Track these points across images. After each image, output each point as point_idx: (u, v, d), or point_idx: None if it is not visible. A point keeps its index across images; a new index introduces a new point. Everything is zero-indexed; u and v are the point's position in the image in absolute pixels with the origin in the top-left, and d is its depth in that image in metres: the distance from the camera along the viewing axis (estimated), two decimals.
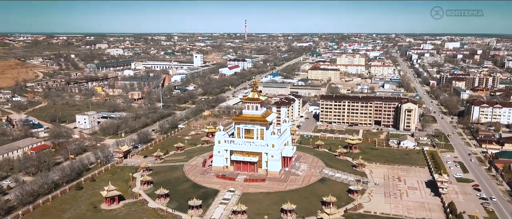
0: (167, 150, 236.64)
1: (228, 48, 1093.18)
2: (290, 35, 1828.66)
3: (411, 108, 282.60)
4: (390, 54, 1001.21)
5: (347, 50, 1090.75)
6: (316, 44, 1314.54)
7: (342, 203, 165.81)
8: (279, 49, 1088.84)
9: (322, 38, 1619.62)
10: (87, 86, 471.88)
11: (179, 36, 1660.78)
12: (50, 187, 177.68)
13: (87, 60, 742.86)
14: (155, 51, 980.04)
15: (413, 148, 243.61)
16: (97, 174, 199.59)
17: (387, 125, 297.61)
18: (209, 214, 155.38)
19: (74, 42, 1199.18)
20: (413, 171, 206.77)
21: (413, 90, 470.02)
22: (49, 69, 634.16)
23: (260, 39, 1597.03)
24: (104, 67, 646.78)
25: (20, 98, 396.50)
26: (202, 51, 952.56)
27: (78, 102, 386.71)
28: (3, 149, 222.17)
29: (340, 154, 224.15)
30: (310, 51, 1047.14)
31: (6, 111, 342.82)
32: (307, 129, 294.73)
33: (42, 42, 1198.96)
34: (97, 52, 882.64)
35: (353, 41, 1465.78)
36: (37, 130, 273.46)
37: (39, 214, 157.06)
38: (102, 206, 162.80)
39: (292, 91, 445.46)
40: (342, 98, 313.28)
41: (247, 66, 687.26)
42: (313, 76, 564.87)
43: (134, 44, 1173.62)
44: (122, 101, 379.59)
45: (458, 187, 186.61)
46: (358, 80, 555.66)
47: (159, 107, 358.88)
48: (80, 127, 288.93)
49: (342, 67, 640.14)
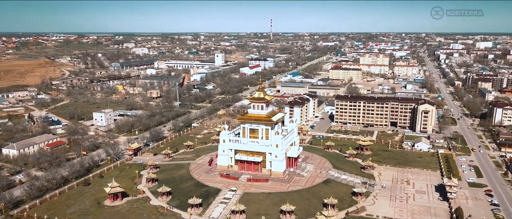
0: (177, 148, 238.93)
1: (252, 48, 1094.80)
2: (317, 35, 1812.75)
3: (428, 110, 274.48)
4: (418, 54, 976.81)
5: (373, 49, 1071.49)
6: (342, 44, 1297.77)
7: (344, 205, 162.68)
8: (303, 49, 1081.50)
9: (349, 38, 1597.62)
10: (109, 84, 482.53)
11: (206, 36, 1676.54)
12: (59, 183, 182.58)
13: (113, 59, 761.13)
14: (180, 50, 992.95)
15: (428, 150, 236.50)
16: (106, 171, 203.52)
17: (404, 126, 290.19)
18: (208, 213, 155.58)
19: (103, 41, 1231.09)
20: (424, 174, 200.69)
21: (436, 91, 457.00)
22: (76, 67, 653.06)
23: (285, 38, 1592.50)
24: (128, 66, 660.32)
25: (44, 96, 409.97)
26: (226, 51, 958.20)
27: (99, 100, 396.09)
28: (20, 144, 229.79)
29: (350, 156, 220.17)
30: (334, 51, 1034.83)
31: (30, 108, 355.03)
32: (321, 129, 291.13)
33: (73, 41, 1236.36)
34: (123, 51, 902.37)
35: (381, 40, 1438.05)
36: (55, 126, 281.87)
37: (45, 209, 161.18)
38: (105, 202, 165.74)
39: (311, 90, 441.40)
40: (358, 99, 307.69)
41: (269, 65, 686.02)
42: (334, 76, 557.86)
43: (160, 44, 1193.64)
44: (141, 100, 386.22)
45: (469, 192, 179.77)
46: (381, 80, 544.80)
47: (176, 105, 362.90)
48: (96, 124, 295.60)
49: (365, 67, 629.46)
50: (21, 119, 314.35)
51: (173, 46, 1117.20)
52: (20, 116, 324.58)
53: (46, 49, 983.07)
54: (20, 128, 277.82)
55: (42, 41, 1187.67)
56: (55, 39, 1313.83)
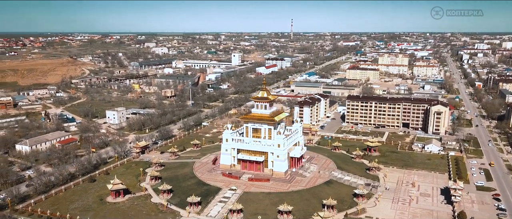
0: (184, 147, 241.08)
1: (272, 47, 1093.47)
2: (338, 34, 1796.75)
3: (440, 111, 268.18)
4: (440, 54, 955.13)
5: (394, 49, 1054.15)
6: (363, 44, 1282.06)
7: (344, 206, 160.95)
8: (322, 48, 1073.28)
9: (371, 37, 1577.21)
10: (126, 83, 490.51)
11: (226, 36, 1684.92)
12: (66, 179, 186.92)
13: (133, 58, 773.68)
14: (199, 50, 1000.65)
15: (438, 152, 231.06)
16: (112, 168, 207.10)
17: (416, 128, 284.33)
18: (206, 212, 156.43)
19: (125, 41, 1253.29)
20: (431, 176, 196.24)
21: (455, 92, 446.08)
22: (96, 66, 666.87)
23: (306, 38, 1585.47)
24: (147, 65, 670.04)
25: (63, 94, 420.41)
26: (244, 50, 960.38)
27: (115, 98, 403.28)
28: (32, 141, 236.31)
29: (357, 157, 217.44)
30: (354, 51, 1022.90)
31: (48, 106, 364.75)
32: (331, 130, 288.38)
33: (97, 41, 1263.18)
34: (144, 51, 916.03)
35: (403, 40, 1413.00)
36: (68, 124, 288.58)
37: (49, 204, 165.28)
38: (108, 199, 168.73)
39: (325, 90, 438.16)
40: (369, 99, 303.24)
41: (286, 65, 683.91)
42: (351, 76, 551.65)
43: (180, 43, 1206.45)
44: (155, 98, 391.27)
45: (476, 195, 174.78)
46: (399, 80, 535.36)
47: (189, 104, 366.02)
48: (109, 122, 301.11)
49: (383, 67, 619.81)
50: (38, 116, 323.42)
51: (193, 45, 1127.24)
52: (38, 113, 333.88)
53: (70, 49, 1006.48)
54: (36, 125, 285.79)
55: (67, 41, 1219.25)
56: (79, 38, 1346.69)
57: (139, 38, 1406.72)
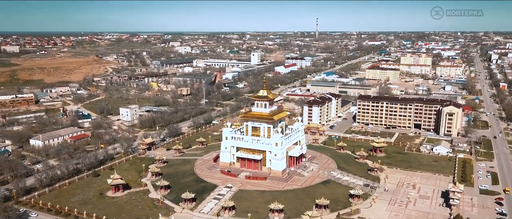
0: (190, 144, 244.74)
1: (295, 47, 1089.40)
2: (365, 34, 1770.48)
3: (452, 112, 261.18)
4: (468, 53, 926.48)
5: (421, 49, 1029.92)
6: (389, 43, 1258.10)
7: (338, 207, 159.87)
8: (346, 48, 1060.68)
9: (398, 37, 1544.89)
10: (144, 81, 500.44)
11: (251, 35, 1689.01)
12: (71, 173, 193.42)
13: (156, 57, 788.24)
14: (222, 49, 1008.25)
15: (446, 154, 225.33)
16: (117, 164, 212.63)
17: (428, 129, 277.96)
18: (200, 208, 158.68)
19: (152, 40, 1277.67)
20: (434, 179, 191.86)
21: (478, 93, 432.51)
22: (119, 65, 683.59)
23: (332, 37, 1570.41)
24: (168, 64, 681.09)
25: (83, 91, 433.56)
26: (266, 49, 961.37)
27: (132, 96, 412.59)
28: (45, 136, 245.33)
29: (360, 157, 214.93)
30: (379, 50, 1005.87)
31: (67, 102, 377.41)
32: (341, 130, 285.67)
33: (125, 40, 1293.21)
34: (168, 50, 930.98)
35: (432, 39, 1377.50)
36: (83, 120, 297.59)
37: (52, 197, 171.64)
38: (107, 193, 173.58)
39: (341, 90, 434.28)
40: (380, 99, 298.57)
41: (306, 64, 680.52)
42: (370, 76, 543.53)
43: (205, 42, 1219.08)
44: (171, 96, 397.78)
45: (478, 199, 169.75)
46: (420, 80, 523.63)
47: (203, 103, 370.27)
48: (122, 119, 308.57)
49: (405, 67, 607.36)
50: (56, 112, 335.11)
51: (217, 45, 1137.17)
52: (57, 110, 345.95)
53: (98, 48, 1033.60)
54: (53, 121, 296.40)
55: (96, 40, 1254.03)
56: (108, 38, 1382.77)
57: (165, 37, 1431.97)
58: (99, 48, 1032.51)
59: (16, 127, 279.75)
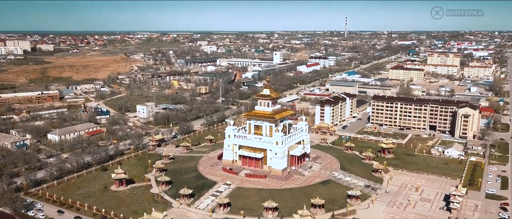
0: (199, 141, 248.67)
1: (321, 46, 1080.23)
2: (397, 33, 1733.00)
3: (468, 114, 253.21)
4: (502, 54, 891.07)
5: (452, 49, 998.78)
6: (420, 43, 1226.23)
7: (334, 207, 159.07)
8: (373, 47, 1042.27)
9: (430, 36, 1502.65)
10: (166, 79, 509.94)
11: (280, 34, 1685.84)
12: (81, 167, 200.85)
13: (182, 56, 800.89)
14: (247, 48, 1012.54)
15: (458, 157, 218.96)
16: (126, 159, 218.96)
17: (443, 131, 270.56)
18: (197, 204, 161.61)
19: (180, 39, 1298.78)
20: (440, 182, 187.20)
21: (504, 94, 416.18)
22: (145, 63, 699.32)
23: (361, 36, 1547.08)
24: (192, 62, 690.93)
25: (106, 89, 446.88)
26: (292, 49, 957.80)
27: (152, 93, 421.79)
28: (62, 131, 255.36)
29: (367, 158, 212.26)
30: (408, 50, 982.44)
31: (90, 99, 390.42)
32: (353, 130, 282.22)
33: (154, 39, 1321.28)
34: (194, 49, 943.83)
35: (466, 39, 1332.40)
36: (101, 117, 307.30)
37: (59, 189, 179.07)
38: (111, 187, 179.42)
39: (361, 90, 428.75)
40: (395, 100, 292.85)
41: (329, 64, 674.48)
42: (394, 76, 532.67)
43: (232, 42, 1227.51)
44: (190, 95, 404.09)
45: (482, 203, 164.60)
46: (445, 81, 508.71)
47: (220, 101, 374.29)
48: (139, 116, 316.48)
49: (431, 67, 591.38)
50: (78, 108, 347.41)
51: (243, 44, 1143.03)
52: (78, 106, 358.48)
53: (128, 47, 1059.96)
54: (73, 116, 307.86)
55: (127, 39, 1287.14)
56: (139, 37, 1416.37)
57: (194, 36, 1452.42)
58: (129, 47, 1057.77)
59: (38, 122, 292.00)
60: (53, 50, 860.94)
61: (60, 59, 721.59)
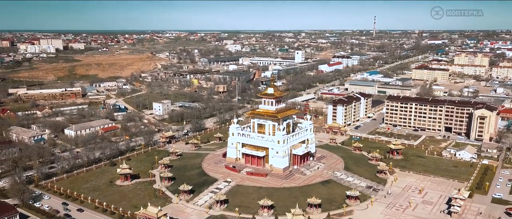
0: (208, 139, 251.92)
1: (347, 45, 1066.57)
2: (428, 32, 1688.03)
3: (484, 115, 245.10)
4: None
5: (485, 48, 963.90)
6: (451, 42, 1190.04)
7: (332, 207, 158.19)
8: (401, 47, 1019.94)
9: (463, 36, 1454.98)
10: (187, 78, 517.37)
11: (307, 33, 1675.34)
12: (91, 162, 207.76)
13: (206, 54, 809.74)
14: (272, 47, 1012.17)
15: (469, 160, 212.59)
16: (136, 155, 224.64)
17: (459, 133, 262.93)
18: (196, 200, 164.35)
19: (207, 38, 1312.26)
20: (446, 184, 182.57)
21: None
22: (169, 62, 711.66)
23: (390, 36, 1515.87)
24: (215, 61, 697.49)
25: (128, 86, 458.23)
26: (317, 48, 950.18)
27: (172, 91, 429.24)
28: (78, 126, 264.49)
29: (373, 159, 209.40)
30: (437, 49, 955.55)
31: (111, 96, 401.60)
32: (366, 130, 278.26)
33: (182, 38, 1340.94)
34: (219, 48, 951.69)
35: (501, 38, 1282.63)
36: (118, 113, 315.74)
37: (68, 182, 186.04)
38: (117, 182, 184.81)
39: (380, 90, 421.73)
40: (409, 100, 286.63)
41: (353, 63, 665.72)
42: (417, 76, 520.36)
43: (258, 41, 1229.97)
44: (208, 93, 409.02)
45: (487, 208, 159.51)
46: (471, 82, 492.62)
47: (236, 100, 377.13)
48: (155, 113, 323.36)
49: (457, 67, 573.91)
50: (98, 105, 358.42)
51: (269, 43, 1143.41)
52: (99, 103, 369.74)
53: (156, 45, 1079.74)
54: (92, 113, 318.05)
55: (156, 38, 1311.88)
56: (168, 36, 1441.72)
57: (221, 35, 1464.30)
58: (157, 45, 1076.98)
59: (59, 118, 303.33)
60: (84, 48, 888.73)
61: (89, 57, 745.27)
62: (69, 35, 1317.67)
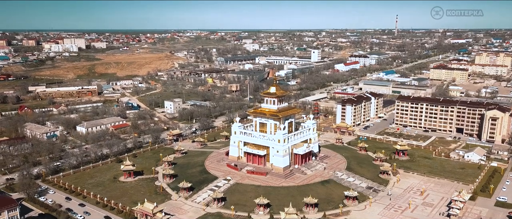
0: (215, 137, 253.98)
1: (367, 44, 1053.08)
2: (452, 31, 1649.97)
3: (496, 116, 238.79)
4: None
5: (510, 47, 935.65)
6: (475, 41, 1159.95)
7: (329, 207, 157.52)
8: (422, 46, 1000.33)
9: (488, 35, 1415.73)
10: (202, 77, 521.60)
11: (328, 32, 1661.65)
12: (98, 158, 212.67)
13: (224, 54, 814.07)
14: (290, 46, 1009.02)
15: (478, 162, 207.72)
16: (142, 152, 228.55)
17: (471, 134, 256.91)
18: (194, 197, 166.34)
19: (227, 37, 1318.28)
20: (449, 186, 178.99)
21: None
22: (186, 61, 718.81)
23: (412, 34, 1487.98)
24: (232, 60, 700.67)
25: (144, 85, 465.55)
26: (336, 47, 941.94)
27: (186, 90, 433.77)
28: (89, 124, 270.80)
29: (378, 159, 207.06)
30: (459, 49, 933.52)
31: (126, 95, 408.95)
32: (375, 131, 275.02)
33: (202, 37, 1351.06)
34: (237, 47, 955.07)
35: None
36: (130, 111, 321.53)
37: (73, 178, 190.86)
38: (120, 178, 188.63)
39: (394, 90, 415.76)
40: (420, 100, 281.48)
41: (370, 62, 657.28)
42: (435, 76, 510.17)
43: (277, 40, 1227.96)
44: (221, 92, 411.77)
45: (489, 211, 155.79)
46: (491, 82, 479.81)
47: (247, 99, 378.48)
48: (166, 111, 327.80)
49: (478, 67, 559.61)
50: (113, 103, 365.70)
51: (288, 42, 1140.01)
52: (114, 101, 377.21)
53: (176, 44, 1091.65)
54: (105, 110, 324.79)
55: (177, 37, 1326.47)
56: (188, 35, 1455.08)
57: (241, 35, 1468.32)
58: (177, 44, 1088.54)
59: (73, 115, 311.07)
60: (105, 47, 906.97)
61: (109, 56, 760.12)
62: (92, 35, 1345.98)
